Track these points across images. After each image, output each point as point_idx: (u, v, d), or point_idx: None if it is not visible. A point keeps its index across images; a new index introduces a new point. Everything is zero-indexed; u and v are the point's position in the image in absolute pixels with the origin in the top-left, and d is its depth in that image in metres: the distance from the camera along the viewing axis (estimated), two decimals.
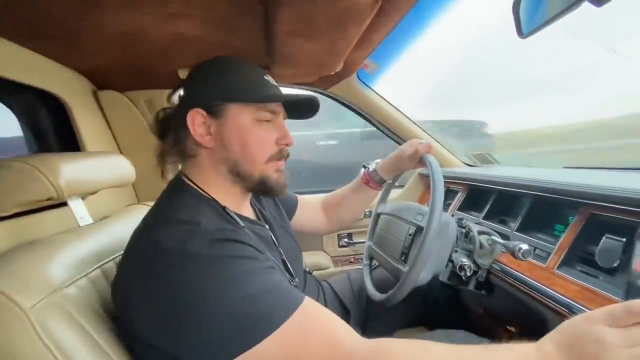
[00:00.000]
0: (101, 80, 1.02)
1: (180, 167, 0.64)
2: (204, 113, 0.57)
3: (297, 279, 0.67)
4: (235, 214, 0.60)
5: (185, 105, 0.59)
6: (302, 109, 0.66)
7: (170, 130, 0.62)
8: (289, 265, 0.67)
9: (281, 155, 0.63)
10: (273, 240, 0.67)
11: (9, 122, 0.86)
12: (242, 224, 0.58)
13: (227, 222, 0.56)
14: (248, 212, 0.67)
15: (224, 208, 0.58)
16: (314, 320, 0.46)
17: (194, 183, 0.59)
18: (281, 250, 0.68)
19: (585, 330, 0.39)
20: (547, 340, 0.43)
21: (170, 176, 0.64)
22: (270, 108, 0.60)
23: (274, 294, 0.46)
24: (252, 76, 0.61)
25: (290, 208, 0.93)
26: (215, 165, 0.60)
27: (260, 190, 0.63)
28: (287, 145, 0.63)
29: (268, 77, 0.62)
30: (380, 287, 0.86)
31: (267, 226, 0.69)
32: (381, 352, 0.45)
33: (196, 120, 0.57)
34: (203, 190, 0.59)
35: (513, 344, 0.45)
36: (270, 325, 0.43)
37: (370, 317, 0.94)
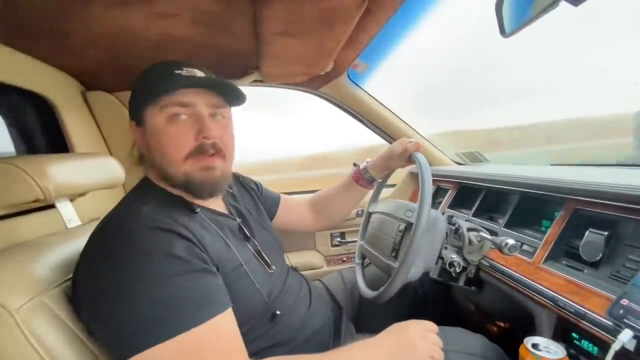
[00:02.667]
0: (90, 81, 1.01)
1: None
2: (134, 125, 0.61)
3: (274, 267, 0.68)
4: (199, 205, 0.61)
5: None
6: (234, 93, 0.62)
7: None
8: (265, 256, 0.68)
9: (202, 150, 0.58)
10: (244, 232, 0.68)
11: None
12: (197, 209, 0.59)
13: (178, 212, 0.57)
14: (218, 207, 0.68)
15: (179, 197, 0.60)
16: (217, 339, 0.47)
17: (155, 183, 0.63)
18: (255, 242, 0.69)
19: (407, 327, 0.59)
20: (383, 332, 0.59)
21: None
22: (177, 101, 0.56)
23: (183, 301, 0.46)
24: (160, 74, 0.58)
25: (271, 207, 0.94)
26: (151, 170, 0.63)
27: (190, 191, 0.60)
28: (205, 138, 0.57)
29: (183, 70, 0.58)
30: (373, 285, 0.86)
31: (238, 219, 0.70)
32: None
33: (134, 132, 0.62)
34: (164, 188, 0.62)
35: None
36: (168, 331, 0.44)
37: (363, 315, 0.95)
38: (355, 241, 1.07)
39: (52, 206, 0.70)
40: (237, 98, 0.64)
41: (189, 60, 0.64)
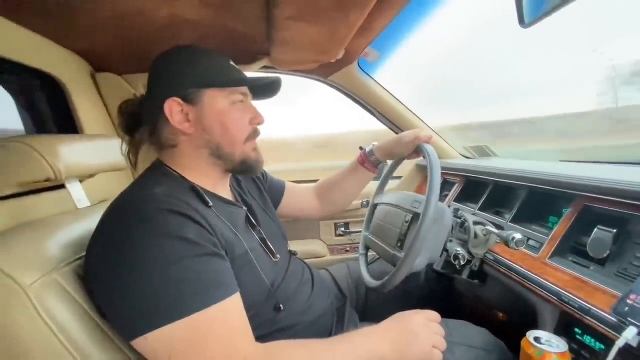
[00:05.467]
0: (99, 62, 1.00)
1: (158, 156, 0.66)
2: (181, 101, 0.59)
3: (278, 256, 0.69)
4: (210, 192, 0.62)
5: (158, 96, 0.60)
6: (265, 90, 0.70)
7: (143, 122, 0.65)
8: (270, 244, 0.69)
9: (256, 134, 0.67)
10: (251, 221, 0.69)
11: None
12: (210, 202, 0.59)
13: (192, 198, 0.57)
14: (226, 194, 0.69)
15: (193, 186, 0.60)
16: (225, 322, 0.48)
17: (171, 168, 0.62)
18: (261, 230, 0.70)
19: (410, 316, 0.60)
20: (387, 320, 0.60)
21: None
22: (241, 90, 0.64)
23: (194, 284, 0.46)
24: (221, 62, 0.63)
25: (277, 195, 0.94)
26: (196, 150, 0.62)
27: (242, 169, 0.66)
28: (259, 124, 0.67)
29: (232, 63, 0.65)
30: (379, 277, 0.87)
31: (245, 208, 0.70)
32: (269, 354, 0.49)
33: (174, 109, 0.59)
34: (180, 174, 0.62)
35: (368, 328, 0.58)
36: (178, 312, 0.44)
37: (368, 305, 0.96)
38: (360, 232, 1.07)
39: (62, 186, 0.71)
40: (263, 95, 0.72)
41: (197, 44, 0.65)
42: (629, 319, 0.48)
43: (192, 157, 0.63)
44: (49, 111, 0.94)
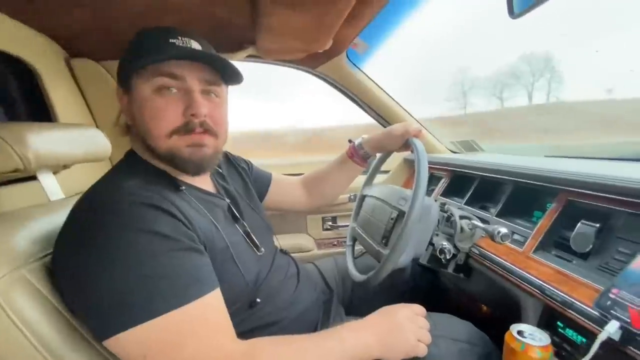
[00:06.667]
0: (74, 47, 0.95)
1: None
2: (121, 91, 0.58)
3: (263, 249, 0.67)
4: (186, 183, 0.59)
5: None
6: (230, 70, 0.58)
7: None
8: (254, 237, 0.67)
9: (189, 128, 0.55)
10: (233, 213, 0.66)
11: None
12: (182, 187, 0.57)
13: (167, 190, 0.54)
14: (205, 185, 0.66)
15: (164, 173, 0.58)
16: (204, 319, 0.45)
17: (142, 158, 0.60)
18: (245, 223, 0.68)
19: (396, 310, 0.61)
20: (372, 314, 0.61)
21: None
22: (167, 72, 0.53)
23: (170, 280, 0.44)
24: (153, 40, 0.54)
25: (262, 187, 0.92)
26: (136, 140, 0.60)
27: (175, 166, 0.58)
28: (193, 116, 0.54)
29: (178, 39, 0.54)
30: (365, 270, 0.86)
31: (227, 200, 0.68)
32: (251, 353, 0.47)
33: (121, 99, 0.59)
34: (152, 164, 0.59)
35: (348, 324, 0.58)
36: (153, 310, 0.42)
37: (354, 299, 0.95)
38: (347, 226, 1.07)
39: (34, 178, 0.67)
40: (234, 76, 0.60)
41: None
42: (611, 312, 0.48)
43: (138, 147, 0.60)
44: (21, 98, 0.89)
